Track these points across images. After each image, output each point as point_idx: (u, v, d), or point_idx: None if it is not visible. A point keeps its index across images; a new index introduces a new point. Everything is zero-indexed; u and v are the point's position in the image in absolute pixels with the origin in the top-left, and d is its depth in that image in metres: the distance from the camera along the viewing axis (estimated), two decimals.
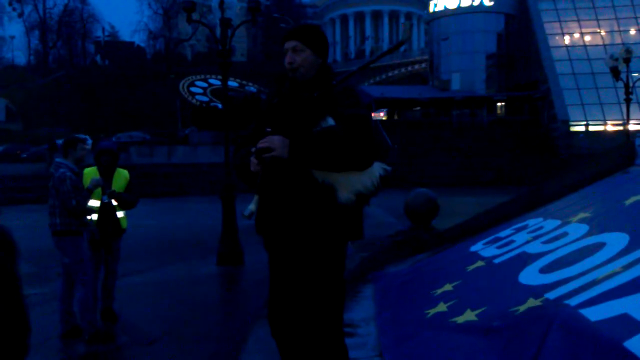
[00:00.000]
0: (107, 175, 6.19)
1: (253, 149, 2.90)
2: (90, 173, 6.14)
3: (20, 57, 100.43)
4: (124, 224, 6.37)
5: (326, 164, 2.84)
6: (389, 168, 3.04)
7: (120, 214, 6.28)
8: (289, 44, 3.04)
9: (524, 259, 4.72)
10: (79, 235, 5.53)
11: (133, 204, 6.35)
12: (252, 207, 3.00)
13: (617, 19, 45.57)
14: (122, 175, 6.33)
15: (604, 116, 41.64)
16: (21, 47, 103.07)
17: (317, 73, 3.05)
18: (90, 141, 7.21)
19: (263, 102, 3.25)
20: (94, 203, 6.03)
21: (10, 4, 77.49)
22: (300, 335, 3.04)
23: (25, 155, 40.59)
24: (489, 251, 5.62)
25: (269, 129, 2.91)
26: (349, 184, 2.88)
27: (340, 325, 3.10)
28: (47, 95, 63.45)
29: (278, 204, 2.96)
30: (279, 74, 3.13)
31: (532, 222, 6.07)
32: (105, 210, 6.06)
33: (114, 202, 6.12)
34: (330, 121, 2.88)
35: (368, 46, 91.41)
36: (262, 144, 2.83)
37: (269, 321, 3.14)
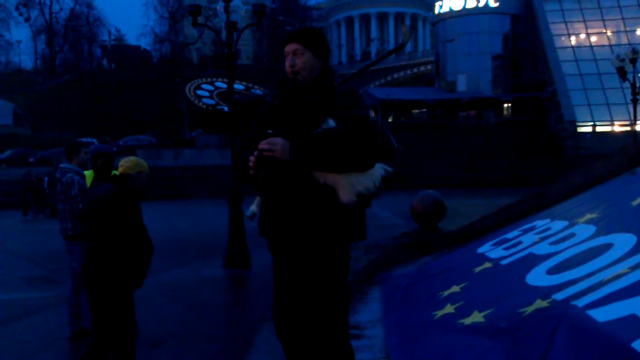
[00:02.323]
0: (103, 179, 6.19)
1: (256, 152, 2.91)
2: (89, 176, 6.15)
3: (27, 61, 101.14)
4: None
5: (327, 165, 2.85)
6: (390, 169, 3.05)
7: None
8: (290, 47, 3.06)
9: (532, 260, 4.71)
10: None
11: None
12: (253, 207, 3.01)
13: (623, 19, 45.39)
14: None
15: (611, 117, 41.48)
16: (28, 51, 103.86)
17: (318, 75, 3.06)
18: (96, 145, 7.25)
19: (264, 105, 3.27)
20: None
21: (16, 8, 77.90)
22: (306, 337, 3.04)
23: (32, 159, 40.72)
24: (496, 252, 5.61)
25: (270, 131, 2.93)
26: (351, 185, 2.88)
27: (346, 326, 3.10)
28: (54, 99, 63.69)
29: (280, 205, 2.97)
30: (280, 78, 3.15)
31: (540, 223, 6.06)
32: None
33: None
34: (331, 123, 2.89)
35: (374, 48, 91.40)
36: (263, 145, 2.85)
37: (274, 323, 3.14)
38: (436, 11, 54.00)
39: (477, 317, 3.98)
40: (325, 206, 2.91)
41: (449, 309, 4.43)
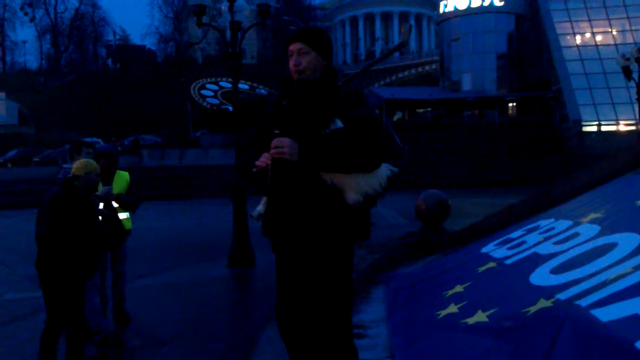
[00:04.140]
0: (106, 178, 6.22)
1: (266, 155, 2.91)
2: None
3: (32, 61, 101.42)
4: (128, 226, 6.40)
5: (335, 165, 2.85)
6: (395, 169, 3.05)
7: (123, 216, 6.29)
8: (294, 47, 3.04)
9: (535, 260, 4.70)
10: None
11: (134, 205, 6.36)
12: (260, 208, 3.01)
13: (628, 18, 45.25)
14: (122, 177, 6.34)
15: (616, 116, 41.37)
16: (33, 51, 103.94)
17: (322, 75, 3.06)
18: (99, 145, 7.27)
19: (267, 104, 3.26)
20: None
21: (22, 8, 78.22)
22: (310, 337, 3.05)
23: (37, 159, 40.83)
24: (500, 252, 5.60)
25: (277, 131, 2.92)
26: (357, 186, 2.88)
27: (349, 326, 3.10)
28: (59, 98, 63.83)
29: (286, 205, 2.97)
30: (283, 78, 3.14)
31: (544, 222, 6.05)
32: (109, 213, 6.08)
33: (115, 204, 6.14)
34: (339, 123, 2.88)
35: (378, 47, 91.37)
36: (272, 144, 2.85)
37: (278, 323, 3.14)
38: (441, 10, 53.93)
39: (480, 316, 3.98)
40: (331, 206, 2.91)
41: (453, 308, 4.42)
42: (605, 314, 3.02)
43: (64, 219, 4.42)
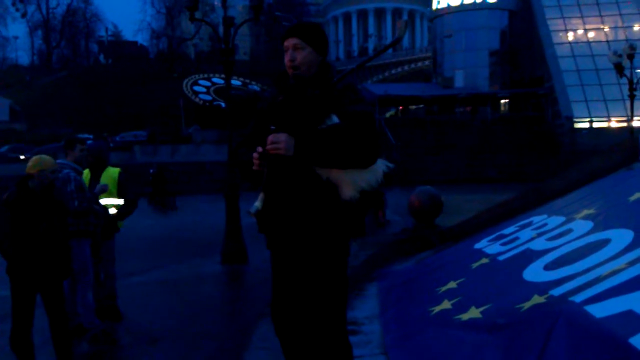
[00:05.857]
0: (95, 175, 6.20)
1: (260, 149, 2.88)
2: (86, 174, 6.14)
3: (23, 57, 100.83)
4: (119, 225, 6.41)
5: (331, 161, 2.84)
6: (391, 165, 3.04)
7: (113, 211, 6.28)
8: (289, 42, 3.02)
9: (529, 256, 4.71)
10: (84, 237, 5.51)
11: (129, 212, 6.43)
12: (258, 204, 2.99)
13: (620, 14, 45.40)
14: (109, 175, 6.29)
15: (608, 112, 41.51)
16: (25, 47, 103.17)
17: (317, 70, 3.04)
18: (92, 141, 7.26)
19: (263, 100, 3.24)
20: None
21: (13, 4, 77.59)
22: (304, 333, 3.04)
23: (29, 155, 40.57)
24: (494, 248, 5.61)
25: (273, 127, 2.90)
26: (353, 182, 2.87)
27: (344, 322, 3.09)
28: (50, 95, 63.48)
29: (282, 202, 2.96)
30: (278, 74, 3.12)
31: (537, 219, 6.06)
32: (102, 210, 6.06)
33: (108, 202, 6.15)
34: (335, 119, 2.87)
35: (371, 44, 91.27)
36: (269, 140, 2.83)
37: (273, 319, 3.13)
38: (434, 7, 53.98)
39: (474, 312, 3.98)
40: (327, 202, 2.89)
41: (446, 304, 4.43)
42: (599, 310, 3.02)
43: (19, 221, 4.27)
